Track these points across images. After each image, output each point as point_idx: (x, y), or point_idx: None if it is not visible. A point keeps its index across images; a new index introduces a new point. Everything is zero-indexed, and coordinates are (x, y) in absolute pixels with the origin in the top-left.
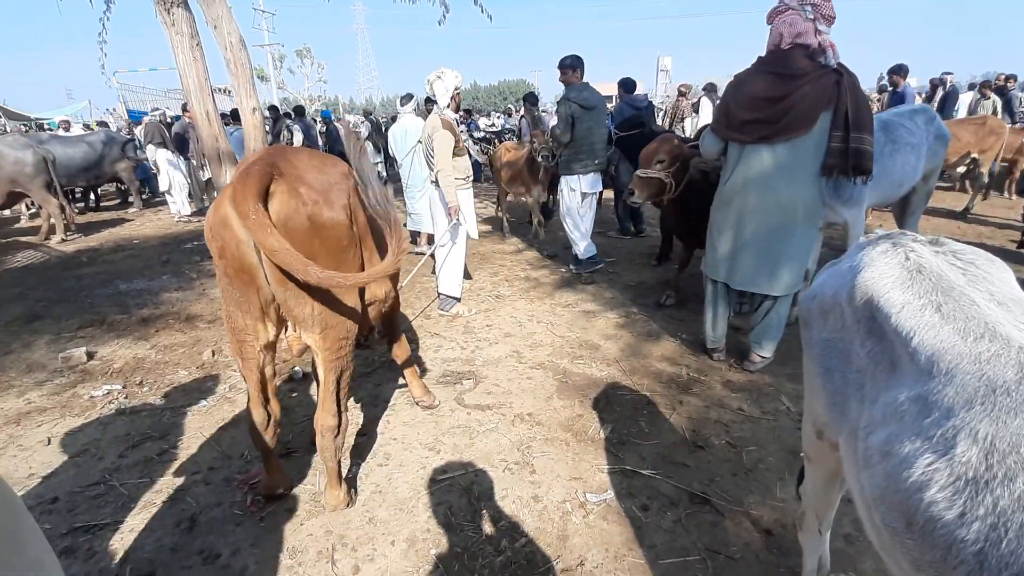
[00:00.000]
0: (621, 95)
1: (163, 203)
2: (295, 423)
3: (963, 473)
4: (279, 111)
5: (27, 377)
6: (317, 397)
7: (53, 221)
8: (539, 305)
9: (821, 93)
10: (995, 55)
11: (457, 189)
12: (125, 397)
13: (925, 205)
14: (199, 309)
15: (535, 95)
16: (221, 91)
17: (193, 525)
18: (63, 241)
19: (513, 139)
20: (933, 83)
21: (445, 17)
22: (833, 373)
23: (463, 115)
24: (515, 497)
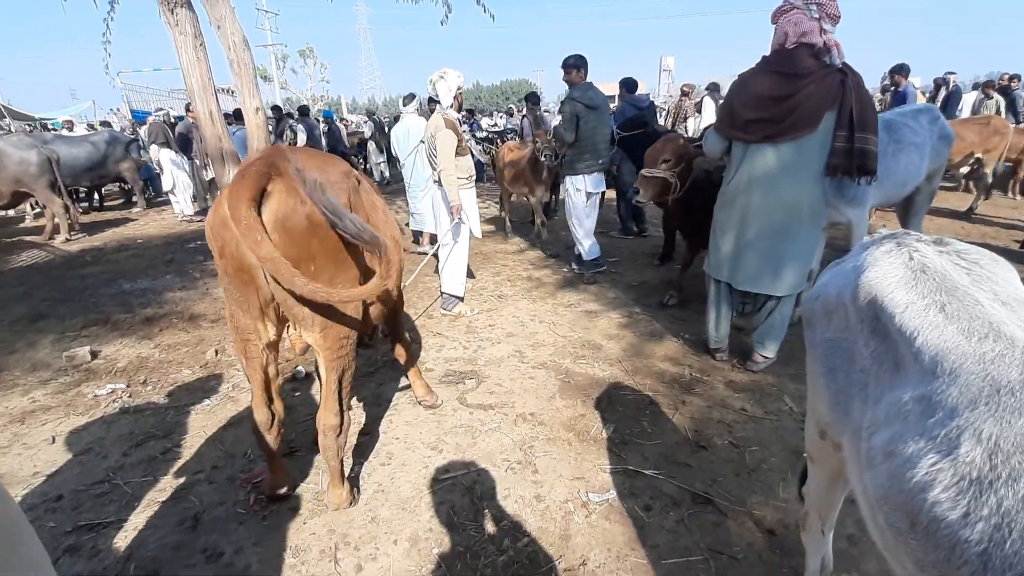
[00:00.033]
0: (623, 95)
1: (167, 203)
2: (298, 422)
3: (967, 473)
4: (282, 111)
5: (32, 376)
6: (320, 396)
7: (57, 221)
8: (541, 305)
9: (826, 92)
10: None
11: (460, 188)
12: (129, 396)
13: (929, 205)
14: (203, 308)
15: (536, 95)
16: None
17: (196, 524)
18: (67, 241)
19: (515, 139)
20: (937, 83)
21: (448, 17)
22: (836, 373)
23: (465, 115)
24: (517, 497)
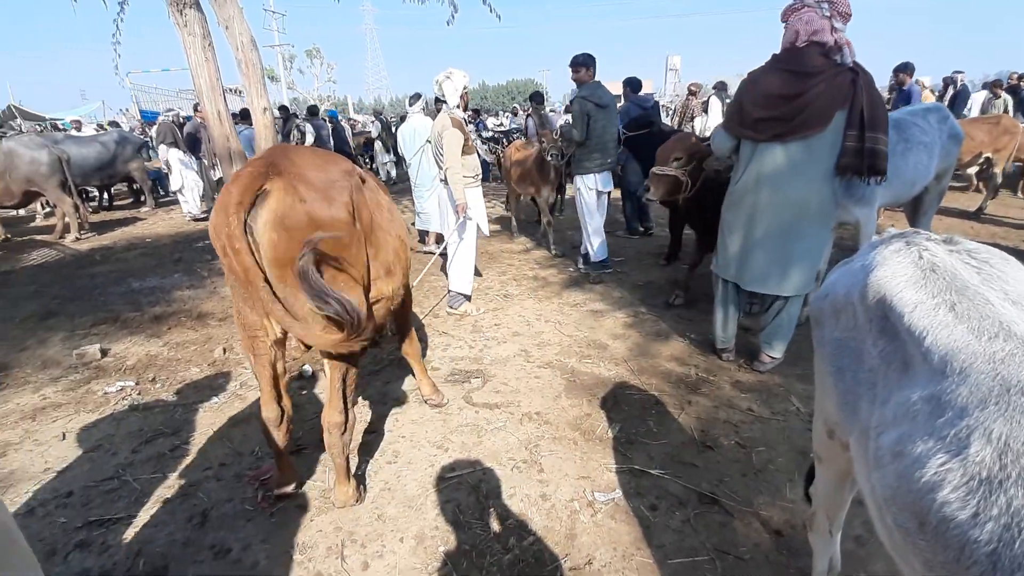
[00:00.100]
0: (627, 95)
1: (175, 202)
2: (305, 420)
3: (977, 473)
4: (289, 111)
5: (42, 373)
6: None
7: (68, 220)
8: (547, 304)
9: (836, 91)
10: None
11: (466, 187)
12: (138, 393)
13: (938, 205)
14: (211, 307)
15: (541, 94)
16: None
17: (205, 520)
18: (77, 240)
19: (521, 138)
20: (945, 81)
21: (454, 17)
22: (844, 372)
23: (471, 115)
24: (523, 495)
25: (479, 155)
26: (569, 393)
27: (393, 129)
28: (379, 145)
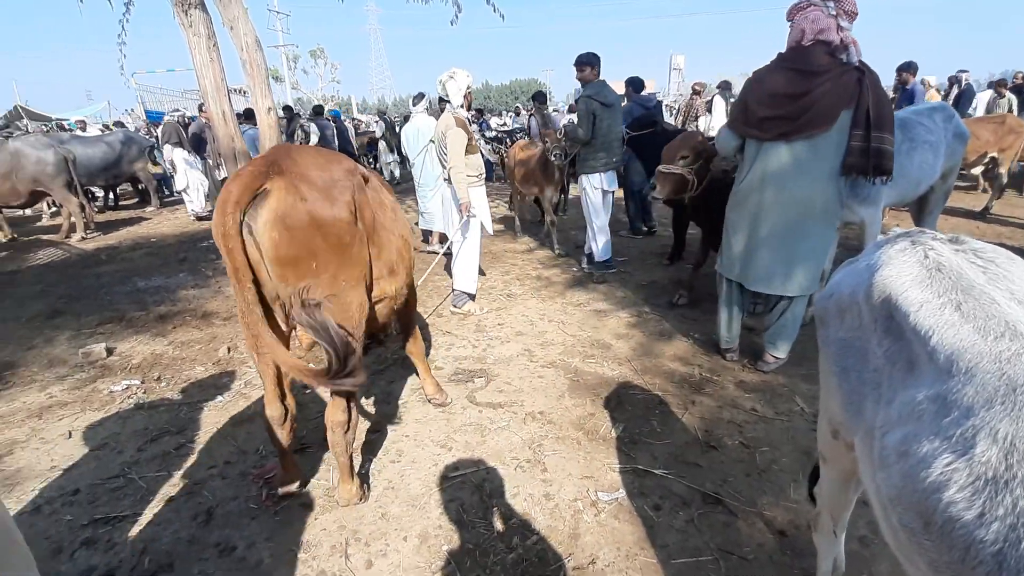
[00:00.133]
0: (629, 94)
1: (180, 202)
2: (309, 419)
3: (983, 473)
4: (293, 111)
5: (49, 372)
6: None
7: (73, 219)
8: (551, 304)
9: (842, 90)
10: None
11: (469, 186)
12: (143, 392)
13: (943, 204)
14: (215, 306)
15: (544, 94)
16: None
17: (210, 518)
18: (83, 239)
19: (525, 138)
20: (950, 80)
21: (457, 17)
22: (849, 372)
23: (474, 114)
24: (526, 495)
25: (482, 155)
26: (572, 393)
27: (397, 129)
28: (383, 145)
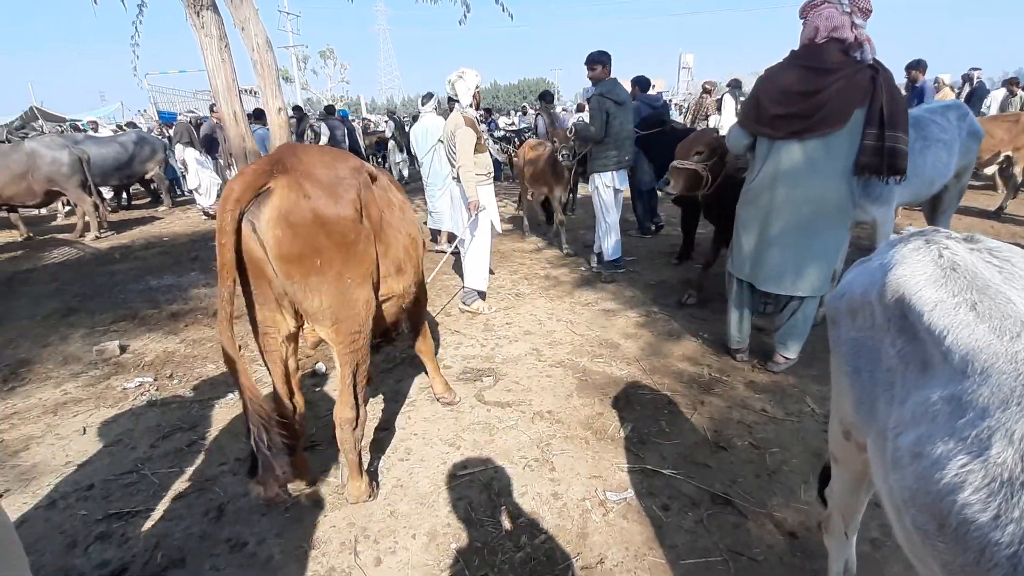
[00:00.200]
0: (636, 93)
1: (192, 201)
2: (318, 417)
3: (998, 475)
4: (303, 111)
5: (64, 369)
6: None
7: (88, 219)
8: (559, 303)
9: (856, 89)
10: None
11: (478, 185)
12: (156, 389)
13: (957, 204)
14: None
15: (551, 93)
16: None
17: (221, 514)
18: (97, 238)
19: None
20: (963, 78)
21: (466, 16)
22: (862, 373)
23: (483, 114)
24: (535, 494)
25: (491, 154)
26: (581, 392)
27: (406, 128)
28: (392, 144)
